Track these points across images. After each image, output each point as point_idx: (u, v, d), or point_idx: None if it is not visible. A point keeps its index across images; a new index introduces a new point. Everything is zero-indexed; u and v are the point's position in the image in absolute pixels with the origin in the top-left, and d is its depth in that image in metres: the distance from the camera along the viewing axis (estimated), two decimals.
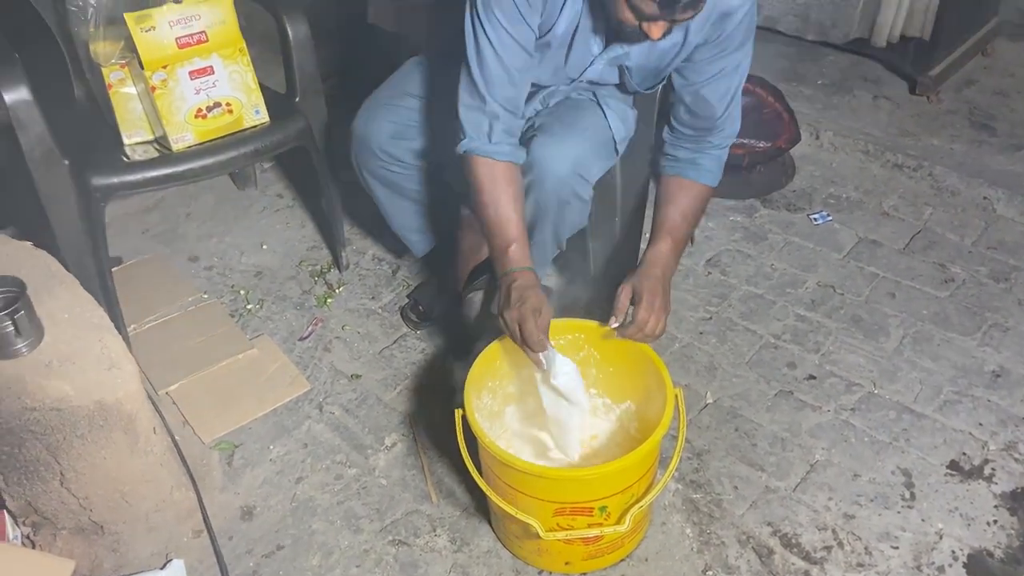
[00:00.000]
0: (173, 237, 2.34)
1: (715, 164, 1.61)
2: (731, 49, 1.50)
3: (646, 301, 1.47)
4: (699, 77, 1.54)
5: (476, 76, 1.47)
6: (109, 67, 1.79)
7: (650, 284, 1.49)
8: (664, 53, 1.53)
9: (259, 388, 1.89)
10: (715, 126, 1.58)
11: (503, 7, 1.41)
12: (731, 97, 1.56)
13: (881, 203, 2.37)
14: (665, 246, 1.54)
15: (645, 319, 1.46)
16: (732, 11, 1.44)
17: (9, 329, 1.35)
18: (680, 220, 1.57)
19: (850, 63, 2.88)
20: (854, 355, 1.92)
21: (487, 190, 1.50)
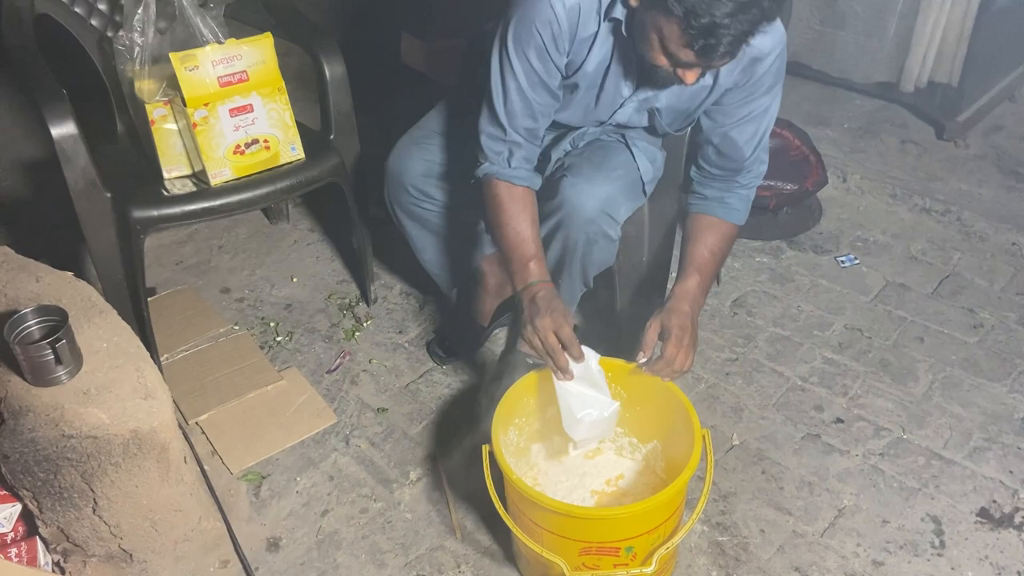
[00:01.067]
0: (206, 269, 2.38)
1: (742, 203, 1.63)
2: (760, 93, 1.52)
3: (675, 337, 1.47)
4: (728, 120, 1.56)
5: (498, 107, 1.53)
6: (153, 104, 1.85)
7: (679, 320, 1.49)
8: (693, 96, 1.55)
9: (287, 420, 1.91)
10: (743, 167, 1.60)
11: (531, 44, 1.46)
12: (759, 139, 1.58)
13: (909, 247, 2.37)
14: (693, 282, 1.55)
15: (673, 355, 1.47)
16: (762, 56, 1.47)
17: (50, 357, 1.38)
18: (708, 256, 1.58)
19: (876, 107, 2.89)
20: (882, 399, 1.91)
21: (506, 210, 1.55)
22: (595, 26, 1.46)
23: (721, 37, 1.23)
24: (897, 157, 2.67)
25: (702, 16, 1.21)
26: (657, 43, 1.32)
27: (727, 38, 1.23)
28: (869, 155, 2.67)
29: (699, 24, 1.22)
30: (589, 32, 1.47)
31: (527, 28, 1.45)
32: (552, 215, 1.63)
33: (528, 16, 1.45)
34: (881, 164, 2.62)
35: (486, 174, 1.57)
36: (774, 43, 1.46)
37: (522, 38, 1.47)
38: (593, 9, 1.45)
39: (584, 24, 1.46)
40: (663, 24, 1.28)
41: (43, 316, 1.43)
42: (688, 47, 1.27)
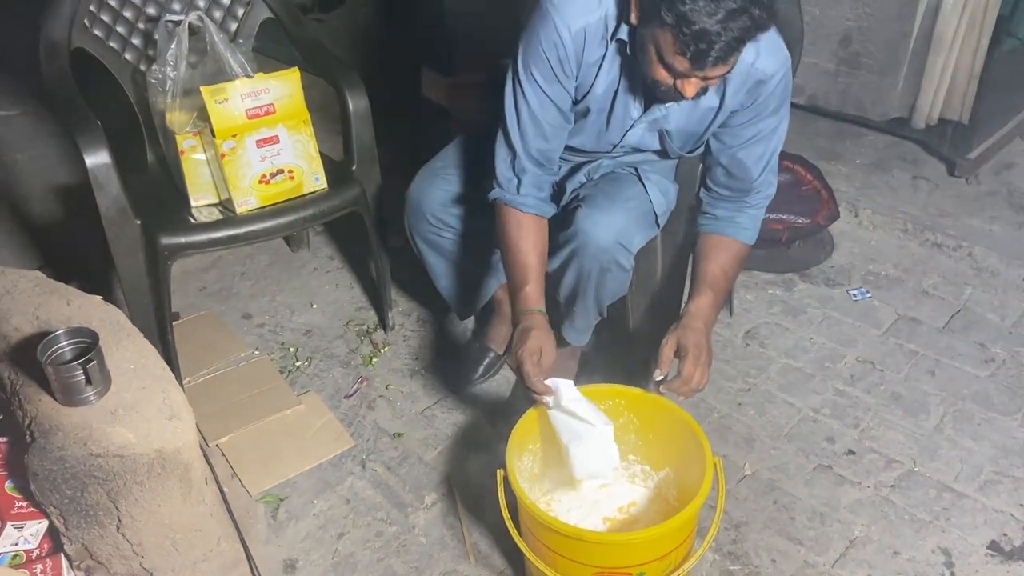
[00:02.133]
0: (228, 295, 2.44)
1: (752, 223, 1.66)
2: (766, 114, 1.56)
3: (691, 355, 1.49)
4: (736, 141, 1.60)
5: (511, 129, 1.59)
6: (183, 135, 1.92)
7: (695, 337, 1.51)
8: (702, 117, 1.59)
9: (305, 443, 1.94)
10: (752, 188, 1.64)
11: (540, 68, 1.53)
12: (767, 161, 1.62)
13: (920, 281, 2.39)
14: (706, 300, 1.58)
15: (691, 372, 1.49)
16: (767, 78, 1.51)
17: (80, 378, 1.42)
18: (720, 274, 1.61)
19: (888, 144, 2.93)
20: (894, 432, 1.93)
21: (510, 235, 1.62)
22: (602, 50, 1.52)
23: (712, 43, 1.28)
24: (909, 193, 2.70)
25: (693, 23, 1.26)
26: (655, 55, 1.37)
27: (718, 44, 1.28)
28: (881, 190, 2.70)
29: (690, 31, 1.27)
30: (596, 56, 1.53)
31: (536, 52, 1.52)
32: (567, 244, 1.68)
33: (536, 41, 1.51)
34: (893, 199, 2.66)
35: (496, 199, 1.64)
36: (778, 65, 1.51)
37: (531, 62, 1.53)
38: (599, 34, 1.50)
39: (590, 48, 1.52)
40: (658, 35, 1.33)
41: (75, 338, 1.47)
42: (681, 54, 1.31)
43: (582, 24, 1.48)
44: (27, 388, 1.51)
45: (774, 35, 1.49)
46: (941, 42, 2.42)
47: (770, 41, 1.48)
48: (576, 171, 1.80)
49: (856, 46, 2.57)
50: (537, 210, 1.63)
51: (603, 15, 1.48)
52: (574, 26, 1.48)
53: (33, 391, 1.49)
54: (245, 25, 2.17)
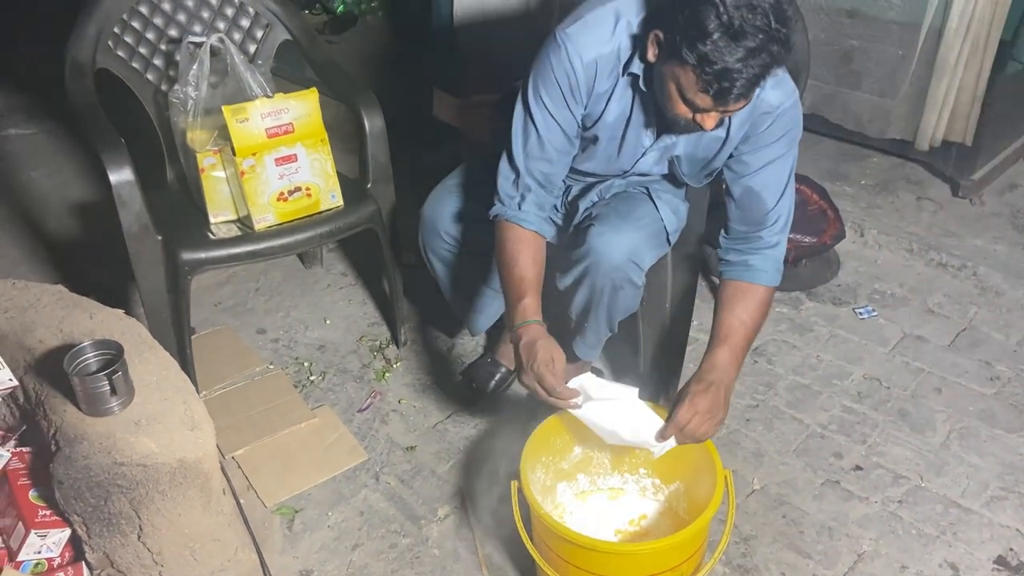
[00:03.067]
0: (243, 311, 2.47)
1: (769, 263, 1.63)
2: (771, 141, 1.58)
3: (688, 402, 1.47)
4: (746, 170, 1.62)
5: (516, 150, 1.62)
6: (203, 153, 1.96)
7: (699, 388, 1.48)
8: (709, 145, 1.62)
9: (319, 456, 1.97)
10: (764, 220, 1.64)
11: (550, 93, 1.56)
12: (780, 191, 1.62)
13: (926, 300, 2.42)
14: (720, 355, 1.54)
15: (684, 419, 1.46)
16: (771, 110, 1.54)
17: (105, 388, 1.46)
18: (737, 325, 1.58)
19: (892, 165, 2.97)
20: (901, 448, 1.95)
21: (509, 250, 1.62)
22: (613, 80, 1.55)
23: (734, 81, 1.31)
24: (913, 213, 2.74)
25: (715, 62, 1.30)
26: (676, 92, 1.40)
27: (740, 81, 1.31)
28: (886, 211, 2.74)
29: (712, 70, 1.30)
30: (606, 87, 1.56)
31: (547, 78, 1.55)
32: (579, 262, 1.71)
33: (548, 67, 1.55)
34: (898, 220, 2.69)
35: (496, 215, 1.66)
36: (783, 97, 1.54)
37: (542, 87, 1.57)
38: (610, 66, 1.54)
39: (601, 79, 1.55)
40: (679, 74, 1.36)
41: (100, 350, 1.51)
42: (704, 92, 1.35)
43: (594, 55, 1.52)
44: (52, 399, 1.54)
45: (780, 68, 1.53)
46: (944, 66, 2.46)
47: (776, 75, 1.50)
48: (588, 190, 1.84)
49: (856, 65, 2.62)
50: (537, 228, 1.64)
51: (616, 48, 1.52)
52: (586, 56, 1.52)
53: (58, 402, 1.53)
54: (264, 47, 2.22)
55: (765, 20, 1.29)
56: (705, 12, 1.29)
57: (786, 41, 1.32)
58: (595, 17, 1.53)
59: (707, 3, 1.29)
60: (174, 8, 2.12)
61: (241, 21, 2.19)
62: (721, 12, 1.28)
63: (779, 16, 1.30)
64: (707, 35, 1.29)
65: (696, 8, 1.30)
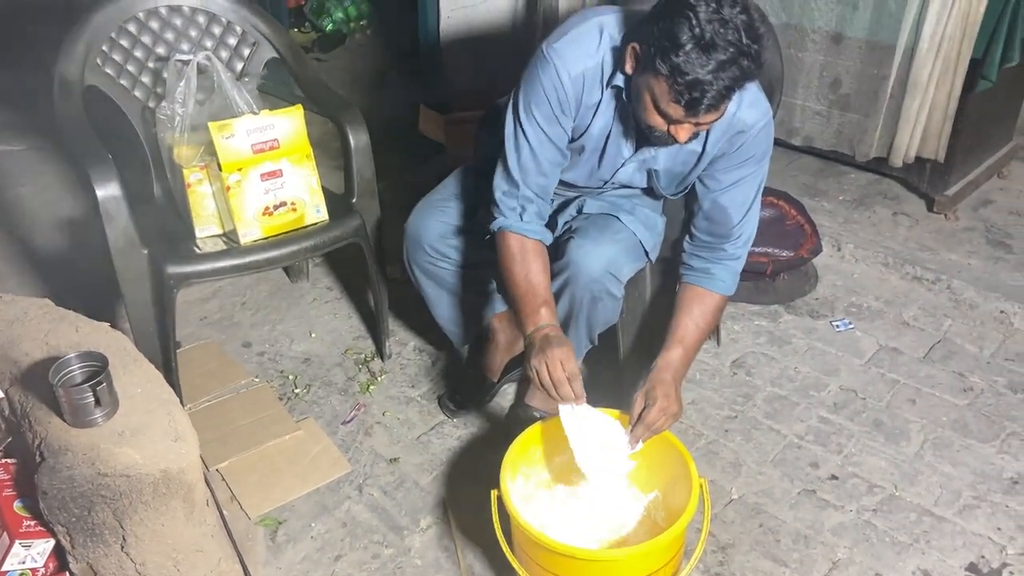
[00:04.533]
0: (229, 324, 2.49)
1: (728, 275, 1.72)
2: (744, 159, 1.64)
3: (659, 406, 1.56)
4: (718, 186, 1.68)
5: (512, 166, 1.67)
6: (190, 168, 1.99)
7: (663, 389, 1.59)
8: (686, 159, 1.68)
9: (303, 468, 1.99)
10: (730, 233, 1.70)
11: (540, 109, 1.61)
12: (747, 208, 1.69)
13: (901, 313, 2.47)
14: (675, 354, 1.65)
15: (655, 420, 1.56)
16: (747, 128, 1.60)
17: (90, 400, 1.48)
18: (692, 329, 1.68)
19: (869, 181, 3.03)
20: (875, 458, 1.99)
21: (518, 260, 1.66)
22: (599, 94, 1.60)
23: (705, 92, 1.36)
24: (890, 228, 2.79)
25: (687, 73, 1.35)
26: (650, 103, 1.45)
27: (710, 93, 1.36)
28: (863, 226, 2.79)
29: (684, 80, 1.36)
30: (594, 100, 1.61)
31: (537, 94, 1.60)
32: (560, 274, 1.75)
33: (537, 83, 1.60)
34: (874, 234, 2.74)
35: (500, 228, 1.69)
36: (759, 116, 1.60)
37: (532, 103, 1.62)
38: (597, 78, 1.59)
39: (588, 92, 1.60)
40: (653, 84, 1.41)
41: (85, 361, 1.53)
42: (676, 102, 1.40)
43: (581, 69, 1.57)
44: (37, 410, 1.56)
45: (756, 89, 1.59)
46: (916, 85, 2.52)
47: (752, 94, 1.58)
48: (567, 205, 1.88)
49: (846, 88, 2.68)
50: (540, 236, 1.70)
51: (600, 61, 1.57)
52: (573, 71, 1.57)
53: (43, 413, 1.54)
54: (251, 64, 2.26)
55: (736, 35, 1.34)
56: (679, 25, 1.34)
57: (757, 56, 1.37)
58: (580, 32, 1.58)
59: (682, 17, 1.34)
60: (161, 27, 2.16)
61: (228, 39, 2.23)
62: (694, 25, 1.33)
63: (751, 32, 1.35)
64: (680, 47, 1.34)
65: (671, 21, 1.35)
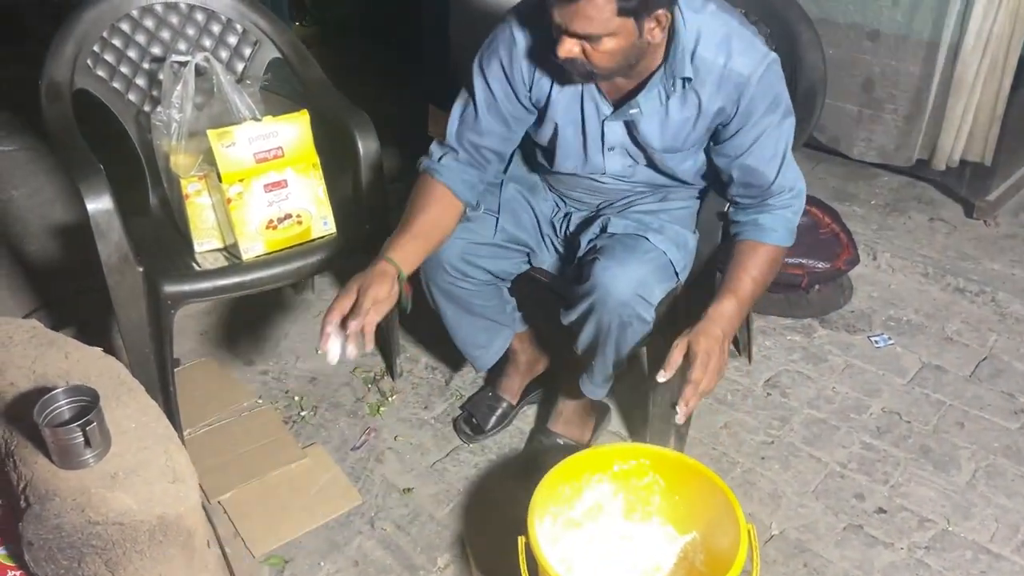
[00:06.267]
0: (230, 340, 2.36)
1: (779, 223, 1.59)
2: (755, 114, 1.53)
3: (700, 360, 1.44)
4: (739, 150, 1.57)
5: (453, 116, 1.65)
6: (188, 179, 1.85)
7: (707, 343, 1.45)
8: (679, 128, 1.57)
9: (311, 500, 1.86)
10: (770, 190, 1.58)
11: (491, 64, 1.59)
12: (779, 162, 1.57)
13: (944, 327, 2.33)
14: (728, 304, 1.51)
15: (699, 378, 1.43)
16: (744, 79, 1.49)
17: (79, 440, 1.35)
18: (746, 279, 1.55)
19: (902, 184, 2.89)
20: (925, 488, 1.85)
21: (413, 199, 1.62)
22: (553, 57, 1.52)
23: None
24: (927, 235, 2.65)
25: None
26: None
27: None
28: (898, 233, 2.65)
29: None
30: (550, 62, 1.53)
31: (492, 50, 1.58)
32: (585, 298, 1.62)
33: (494, 40, 1.58)
34: (911, 242, 2.61)
35: (422, 169, 1.65)
36: (755, 64, 1.49)
37: (485, 59, 1.59)
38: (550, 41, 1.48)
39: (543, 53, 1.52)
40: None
41: (74, 396, 1.40)
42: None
43: (537, 28, 1.52)
44: (22, 449, 1.43)
45: (748, 35, 1.50)
46: (961, 85, 2.39)
47: (743, 41, 1.48)
48: (590, 222, 1.75)
49: (880, 91, 2.53)
50: (449, 182, 1.62)
51: None
52: (528, 29, 1.54)
53: (28, 452, 1.41)
54: (252, 65, 2.12)
55: None
56: None
57: None
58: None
59: None
60: (157, 25, 2.02)
61: (228, 38, 2.09)
62: None
63: None
64: None
65: None
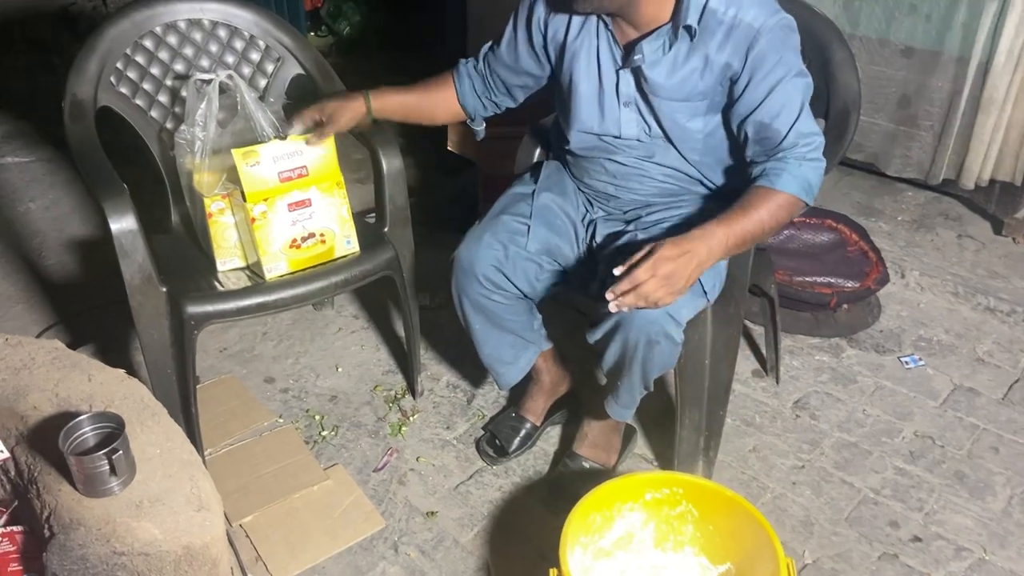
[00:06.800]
0: (250, 357, 2.34)
1: (791, 172, 1.52)
2: (767, 66, 1.50)
3: (652, 262, 1.40)
4: (749, 108, 1.54)
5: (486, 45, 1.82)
6: (211, 197, 1.83)
7: (672, 251, 1.41)
8: (685, 78, 1.56)
9: (333, 524, 1.83)
10: (783, 145, 1.54)
11: (520, 6, 1.72)
12: (794, 115, 1.52)
13: (975, 348, 2.29)
14: (717, 231, 1.46)
15: (642, 278, 1.39)
16: (754, 31, 1.48)
17: (105, 468, 1.32)
18: (741, 213, 1.49)
19: (928, 200, 2.85)
20: (960, 515, 1.81)
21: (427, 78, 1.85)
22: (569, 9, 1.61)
23: None
24: (955, 252, 2.61)
25: None
26: None
27: None
28: (926, 250, 2.61)
29: None
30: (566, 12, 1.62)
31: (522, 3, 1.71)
32: (610, 315, 1.58)
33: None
34: (939, 260, 2.56)
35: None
36: (766, 15, 1.48)
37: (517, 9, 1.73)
38: None
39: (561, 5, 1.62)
40: None
41: (99, 423, 1.38)
42: None
43: None
44: (46, 475, 1.41)
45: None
46: (991, 101, 2.35)
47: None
48: (615, 239, 1.72)
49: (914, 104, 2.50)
50: (458, 83, 1.83)
51: None
52: None
53: (52, 479, 1.39)
54: (275, 82, 2.10)
55: None
56: None
57: None
58: None
59: None
60: (180, 42, 2.00)
61: (251, 55, 2.07)
62: None
63: None
64: None
65: None
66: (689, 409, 1.83)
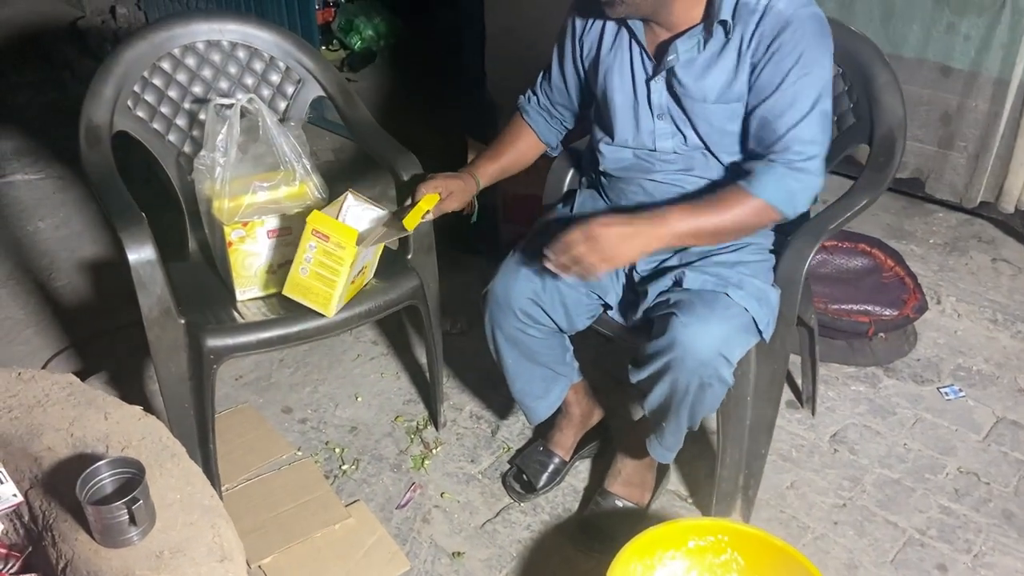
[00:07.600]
0: (266, 386, 2.27)
1: (774, 179, 1.47)
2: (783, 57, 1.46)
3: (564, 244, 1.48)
4: (756, 99, 1.50)
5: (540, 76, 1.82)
6: (231, 225, 1.76)
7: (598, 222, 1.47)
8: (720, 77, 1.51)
9: (356, 566, 1.76)
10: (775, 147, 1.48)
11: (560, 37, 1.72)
12: (797, 117, 1.46)
13: (1016, 379, 2.21)
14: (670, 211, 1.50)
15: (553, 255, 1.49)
16: (783, 20, 1.45)
17: (124, 518, 1.25)
18: (706, 207, 1.50)
19: (960, 222, 2.78)
20: (1010, 558, 1.74)
21: (503, 131, 1.85)
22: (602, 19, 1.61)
23: None
24: (991, 277, 2.54)
25: None
26: None
27: None
28: (961, 274, 2.54)
29: None
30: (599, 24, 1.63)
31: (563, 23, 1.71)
32: (660, 355, 1.51)
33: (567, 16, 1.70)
34: (975, 285, 2.49)
35: (517, 106, 1.85)
36: (798, 6, 1.45)
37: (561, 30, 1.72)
38: None
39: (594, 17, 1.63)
40: None
41: (118, 469, 1.31)
42: None
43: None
44: (61, 523, 1.34)
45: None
46: None
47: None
48: (661, 275, 1.64)
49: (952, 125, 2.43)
50: (534, 123, 1.82)
51: None
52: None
53: (68, 527, 1.32)
54: (295, 104, 2.04)
55: None
56: None
57: None
58: None
59: None
60: (199, 64, 1.94)
61: (271, 77, 2.01)
62: None
63: None
64: None
65: None
66: (730, 447, 1.75)
